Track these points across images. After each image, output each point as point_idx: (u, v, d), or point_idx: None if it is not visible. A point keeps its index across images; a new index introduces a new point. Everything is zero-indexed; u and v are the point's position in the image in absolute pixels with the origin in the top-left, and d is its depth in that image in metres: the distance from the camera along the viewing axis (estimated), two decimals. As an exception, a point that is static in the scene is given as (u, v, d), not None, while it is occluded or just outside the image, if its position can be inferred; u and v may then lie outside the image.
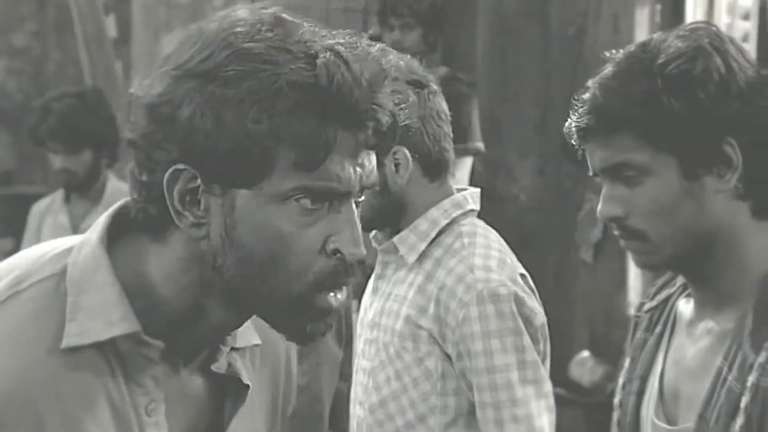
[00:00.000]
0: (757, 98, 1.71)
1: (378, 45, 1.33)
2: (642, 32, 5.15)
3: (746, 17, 5.24)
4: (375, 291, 2.50)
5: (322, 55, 1.24)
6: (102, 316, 1.29)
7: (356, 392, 2.50)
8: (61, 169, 4.24)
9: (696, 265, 1.72)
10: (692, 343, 1.76)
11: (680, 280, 1.81)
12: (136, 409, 1.32)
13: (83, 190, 4.31)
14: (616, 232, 1.75)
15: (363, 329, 2.51)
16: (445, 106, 2.44)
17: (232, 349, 1.39)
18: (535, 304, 2.36)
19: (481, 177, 5.16)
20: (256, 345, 1.43)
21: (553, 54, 5.54)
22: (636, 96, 1.69)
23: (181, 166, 1.27)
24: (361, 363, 2.49)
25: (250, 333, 1.43)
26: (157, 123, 1.27)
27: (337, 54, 1.25)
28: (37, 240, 4.39)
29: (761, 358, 1.61)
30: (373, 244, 2.49)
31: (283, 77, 1.24)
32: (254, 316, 1.38)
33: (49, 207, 4.45)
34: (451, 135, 2.46)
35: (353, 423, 2.51)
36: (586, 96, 1.72)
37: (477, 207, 2.48)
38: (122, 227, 1.34)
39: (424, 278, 2.38)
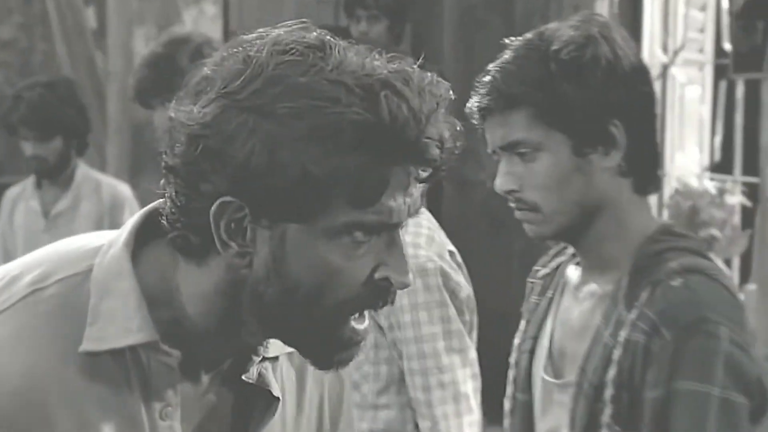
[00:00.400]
0: (640, 84, 1.88)
1: (430, 73, 1.28)
2: (602, 22, 5.33)
3: (703, 8, 5.43)
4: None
5: (382, 92, 1.21)
6: (121, 322, 1.27)
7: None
8: (32, 156, 4.36)
9: (582, 235, 1.88)
10: (577, 305, 1.92)
11: (571, 250, 1.97)
12: (150, 413, 1.30)
13: (54, 177, 4.46)
14: (512, 204, 1.90)
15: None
16: None
17: (265, 358, 1.36)
18: (461, 279, 2.52)
19: (450, 163, 5.34)
20: (290, 352, 1.40)
21: (517, 43, 5.72)
22: (531, 79, 1.84)
23: (229, 199, 1.23)
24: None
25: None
26: (204, 154, 1.23)
27: (396, 90, 1.22)
28: (10, 224, 4.55)
29: (632, 315, 1.78)
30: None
31: (343, 116, 1.20)
32: None
33: (21, 193, 4.58)
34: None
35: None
36: (486, 78, 1.87)
37: None
38: (150, 234, 1.31)
39: (358, 255, 2.55)
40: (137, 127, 4.42)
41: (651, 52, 5.36)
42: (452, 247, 2.59)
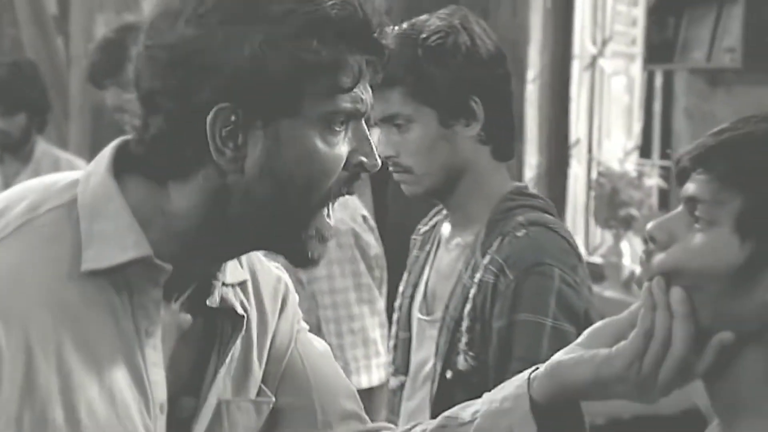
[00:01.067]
0: (496, 67, 2.22)
1: None
2: (537, 16, 5.64)
3: (635, 3, 5.70)
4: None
5: None
6: (116, 241, 1.31)
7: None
8: None
9: (449, 194, 2.20)
10: (447, 254, 2.23)
11: (444, 211, 2.32)
12: (138, 331, 1.34)
13: (15, 152, 4.74)
14: (390, 168, 2.21)
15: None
16: None
17: (224, 284, 1.43)
18: (371, 239, 2.86)
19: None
20: (244, 281, 1.47)
21: (460, 35, 6.02)
22: (404, 62, 2.14)
23: (224, 105, 1.29)
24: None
25: (238, 270, 1.46)
26: (195, 68, 1.28)
27: None
28: None
29: (485, 261, 2.10)
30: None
31: (324, 13, 1.29)
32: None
33: None
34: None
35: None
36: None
37: None
38: (127, 164, 1.37)
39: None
40: (97, 109, 4.68)
41: (581, 44, 5.65)
42: (365, 212, 2.94)
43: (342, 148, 1.35)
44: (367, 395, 2.82)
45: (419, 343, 2.26)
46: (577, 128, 5.68)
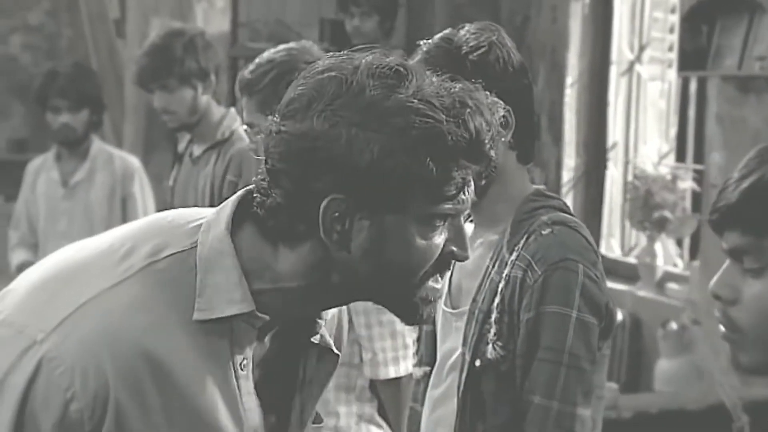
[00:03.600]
0: (524, 77, 2.38)
1: (485, 95, 1.54)
2: (576, 22, 5.77)
3: (673, 10, 5.79)
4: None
5: (466, 110, 1.45)
6: (225, 295, 1.45)
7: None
8: (63, 125, 4.81)
9: (480, 198, 2.36)
10: (471, 252, 2.40)
11: (469, 210, 2.45)
12: (234, 365, 1.48)
13: (74, 149, 4.93)
14: None
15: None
16: None
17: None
18: None
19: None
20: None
21: (501, 40, 6.16)
22: (450, 76, 2.29)
23: (338, 196, 1.43)
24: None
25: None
26: (316, 160, 1.42)
27: (477, 108, 1.46)
28: (33, 193, 4.99)
29: (513, 257, 2.23)
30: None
31: (440, 131, 1.42)
32: None
33: (43, 164, 5.02)
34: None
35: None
36: None
37: None
38: (245, 218, 1.50)
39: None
40: (151, 110, 4.88)
41: (619, 50, 5.74)
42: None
43: (438, 240, 1.49)
44: (396, 385, 2.96)
45: (445, 334, 2.39)
46: (615, 132, 5.80)
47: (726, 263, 1.44)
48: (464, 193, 1.49)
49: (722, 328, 2.21)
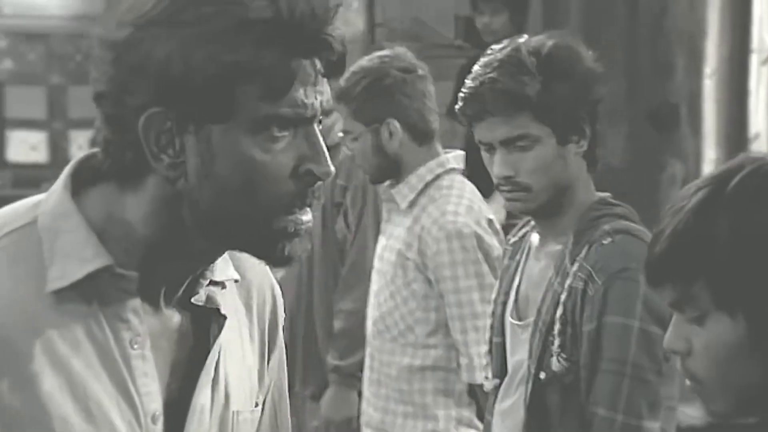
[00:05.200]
0: (598, 86, 2.34)
1: None
2: (714, 10, 5.62)
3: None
4: (383, 231, 3.21)
5: None
6: (76, 256, 1.32)
7: (369, 310, 3.22)
8: None
9: (549, 209, 2.34)
10: (537, 263, 2.37)
11: (532, 222, 2.42)
12: (120, 343, 1.33)
13: None
14: (504, 188, 2.33)
15: (375, 261, 3.23)
16: (430, 88, 3.13)
17: (212, 282, 1.41)
18: (494, 242, 3.00)
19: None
20: (236, 281, 1.45)
21: (639, 29, 6.06)
22: (530, 85, 2.26)
23: (155, 109, 1.29)
24: (372, 287, 3.21)
25: (228, 268, 1.43)
26: (126, 70, 1.29)
27: None
28: None
29: (574, 268, 2.23)
30: (383, 195, 3.21)
31: (246, 14, 1.28)
32: (232, 253, 1.41)
33: None
34: (437, 110, 3.15)
35: (367, 333, 3.23)
36: (481, 86, 2.29)
37: (459, 166, 3.14)
38: (87, 178, 1.37)
39: (412, 221, 3.06)
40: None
41: (760, 38, 5.59)
42: (491, 216, 3.09)
43: (285, 155, 1.32)
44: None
45: (513, 346, 2.40)
46: (756, 122, 5.63)
47: (674, 318, 1.42)
48: (306, 95, 1.31)
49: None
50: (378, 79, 3.11)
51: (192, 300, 1.39)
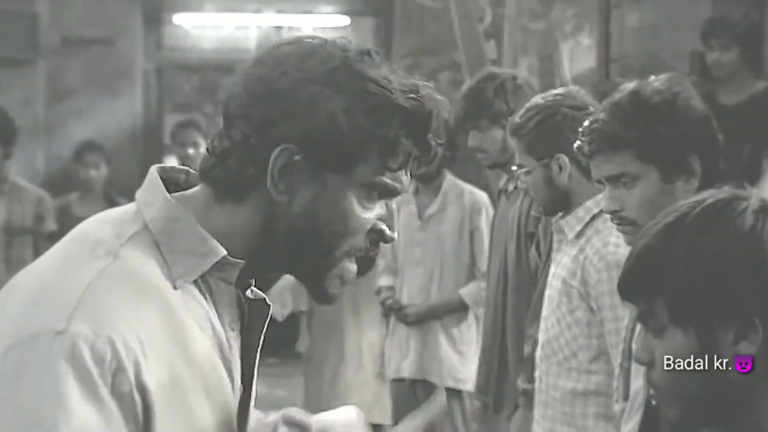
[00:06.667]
0: (710, 126, 2.43)
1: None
2: None
3: None
4: (553, 260, 3.35)
5: (422, 90, 1.54)
6: (194, 253, 1.50)
7: (539, 334, 3.37)
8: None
9: None
10: None
11: None
12: (225, 326, 1.55)
13: (430, 182, 5.18)
14: (614, 221, 2.49)
15: (546, 288, 3.37)
16: None
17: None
18: None
19: None
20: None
21: None
22: (633, 125, 2.41)
23: (291, 146, 1.49)
24: (542, 313, 3.35)
25: None
26: (277, 109, 1.50)
27: (431, 97, 1.54)
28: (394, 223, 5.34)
29: None
30: (553, 226, 3.35)
31: (397, 102, 1.51)
32: None
33: (403, 198, 5.26)
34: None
35: (536, 357, 3.38)
36: (595, 125, 2.47)
37: None
38: (172, 187, 1.56)
39: (578, 251, 3.18)
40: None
41: None
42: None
43: (372, 213, 1.55)
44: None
45: (637, 371, 2.50)
46: None
47: (641, 330, 1.57)
48: (403, 174, 1.55)
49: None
50: (549, 116, 3.26)
51: (248, 293, 1.61)
